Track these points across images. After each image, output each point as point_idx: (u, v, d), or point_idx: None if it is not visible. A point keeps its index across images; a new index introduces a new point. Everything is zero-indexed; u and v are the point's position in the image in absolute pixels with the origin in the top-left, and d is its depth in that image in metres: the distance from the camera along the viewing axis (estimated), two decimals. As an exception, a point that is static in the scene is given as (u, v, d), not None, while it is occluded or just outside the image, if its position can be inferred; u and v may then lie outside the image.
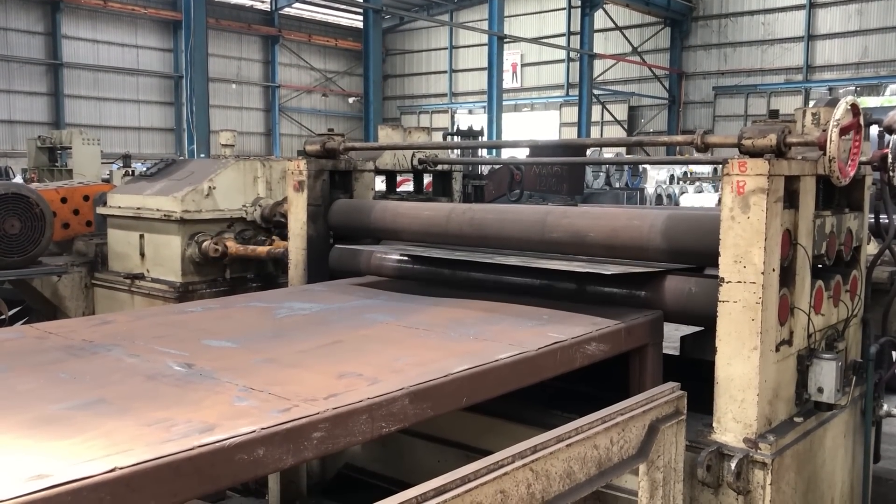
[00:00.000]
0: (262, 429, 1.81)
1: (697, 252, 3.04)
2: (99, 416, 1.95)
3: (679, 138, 3.25)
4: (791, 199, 2.83)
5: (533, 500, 2.08)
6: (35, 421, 1.94)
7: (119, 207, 5.53)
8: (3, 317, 6.08)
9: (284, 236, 5.14)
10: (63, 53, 30.16)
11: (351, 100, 39.73)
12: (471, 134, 9.27)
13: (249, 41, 36.44)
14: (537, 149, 7.28)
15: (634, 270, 3.04)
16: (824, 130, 2.72)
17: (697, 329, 3.60)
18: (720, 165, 2.81)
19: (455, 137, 11.88)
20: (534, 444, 2.12)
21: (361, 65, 29.87)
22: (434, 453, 3.62)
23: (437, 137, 10.78)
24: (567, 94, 35.19)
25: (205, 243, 5.11)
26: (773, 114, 2.87)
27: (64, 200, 6.01)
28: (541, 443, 2.14)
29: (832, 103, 2.98)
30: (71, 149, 14.88)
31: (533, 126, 35.91)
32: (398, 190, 5.24)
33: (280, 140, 37.49)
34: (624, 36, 33.89)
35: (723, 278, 2.75)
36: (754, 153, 2.73)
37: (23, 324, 5.94)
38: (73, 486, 1.54)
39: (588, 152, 12.30)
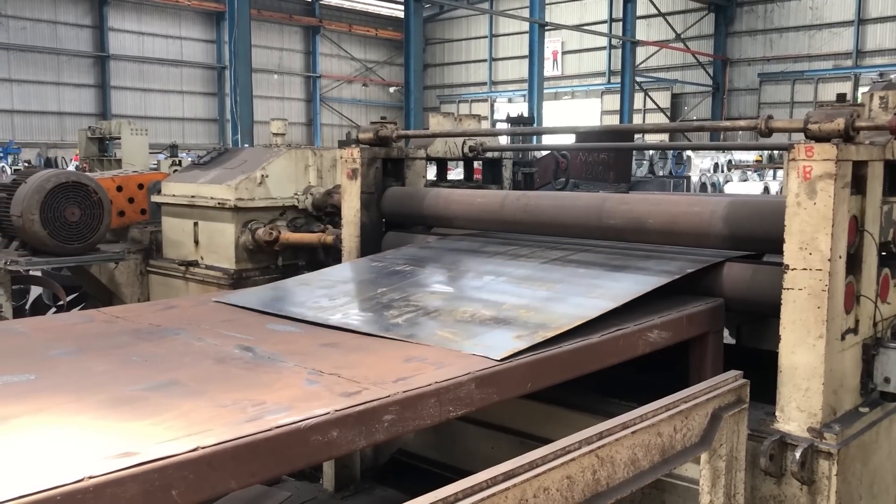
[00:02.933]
0: (336, 411, 1.84)
1: (760, 239, 2.99)
2: (174, 398, 1.99)
3: (742, 123, 3.20)
4: (858, 184, 2.77)
5: (598, 486, 2.08)
6: (113, 401, 2.00)
7: (174, 196, 5.63)
8: (61, 302, 6.24)
9: (335, 224, 5.19)
10: (110, 46, 30.71)
11: (391, 89, 39.83)
12: (521, 121, 9.22)
13: (291, 32, 36.71)
14: (583, 136, 7.22)
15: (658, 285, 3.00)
16: (895, 114, 2.66)
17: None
18: (770, 153, 2.77)
19: (504, 125, 11.83)
20: (599, 430, 2.12)
21: (402, 54, 29.91)
22: (488, 440, 3.64)
23: (486, 126, 10.73)
24: (609, 82, 34.84)
25: (258, 231, 5.18)
26: (841, 98, 2.81)
27: (119, 189, 6.14)
28: (606, 429, 2.13)
29: (892, 87, 2.91)
30: (120, 139, 15.17)
31: (573, 114, 35.63)
32: (448, 178, 5.24)
33: (321, 130, 37.75)
34: (667, 22, 33.41)
35: (788, 265, 2.70)
36: (821, 138, 2.68)
37: (80, 309, 6.09)
38: (158, 464, 1.58)
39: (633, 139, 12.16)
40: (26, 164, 20.24)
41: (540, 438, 2.95)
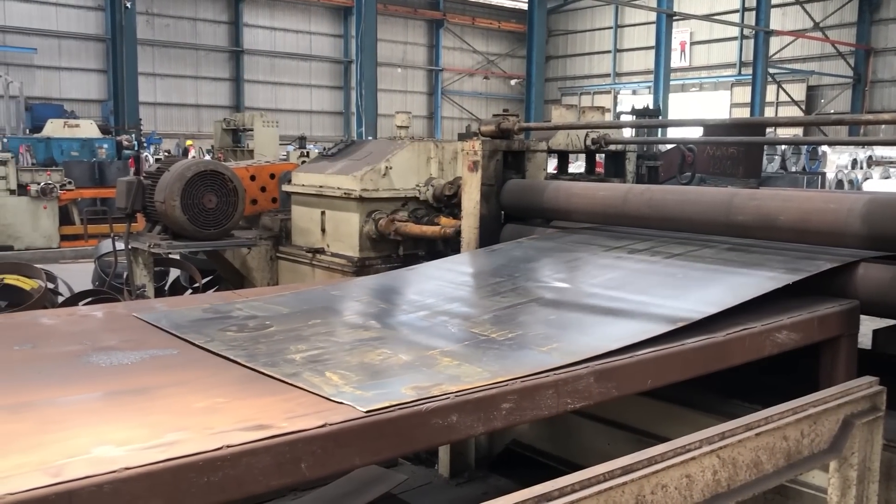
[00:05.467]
0: (456, 396, 1.89)
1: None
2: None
3: (886, 116, 3.02)
4: None
5: (718, 487, 2.04)
6: (246, 378, 2.12)
7: (303, 185, 5.85)
8: (197, 284, 6.62)
9: (454, 215, 5.26)
10: (244, 41, 32.11)
11: (513, 82, 39.74)
12: (646, 113, 9.03)
13: (415, 25, 37.24)
14: (711, 129, 6.99)
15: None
16: None
17: (892, 322, 3.37)
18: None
19: (628, 118, 11.59)
20: (721, 430, 2.08)
21: (524, 46, 29.75)
22: (604, 435, 3.61)
23: (609, 118, 10.52)
24: (739, 74, 33.42)
25: (381, 221, 5.32)
26: None
27: (253, 178, 6.44)
28: (729, 430, 2.09)
29: None
30: (252, 130, 15.85)
31: (701, 107, 34.43)
32: (569, 171, 5.21)
33: (441, 123, 38.15)
34: (804, 10, 31.70)
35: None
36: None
37: (214, 291, 6.43)
38: (289, 438, 1.67)
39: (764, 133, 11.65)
40: (166, 154, 21.51)
41: (658, 437, 2.90)
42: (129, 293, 5.90)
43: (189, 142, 22.26)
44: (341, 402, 1.83)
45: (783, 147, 18.07)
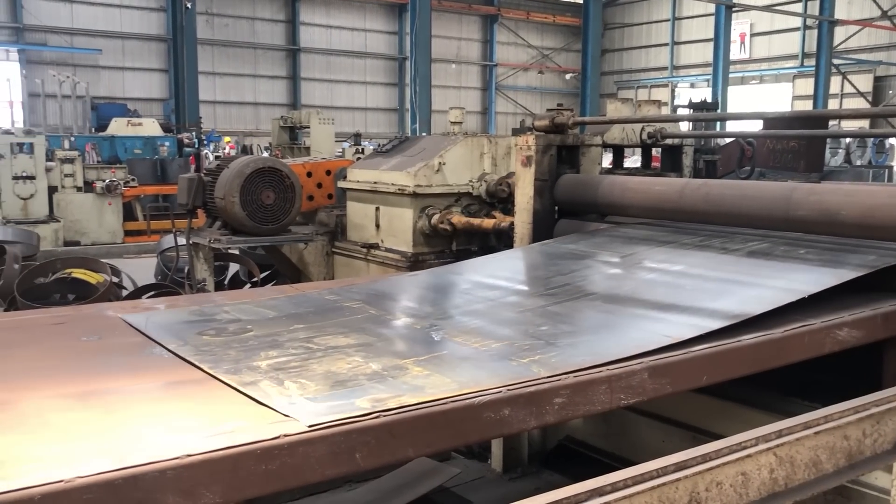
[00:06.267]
0: (508, 389, 1.90)
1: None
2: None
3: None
4: None
5: (776, 485, 2.01)
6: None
7: (357, 182, 5.92)
8: (255, 279, 6.76)
9: (507, 211, 5.26)
10: (300, 39, 32.53)
11: (567, 76, 39.41)
12: (704, 107, 8.87)
13: (469, 21, 37.20)
14: (771, 122, 6.82)
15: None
16: None
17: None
18: None
19: (685, 111, 11.38)
20: (779, 428, 2.05)
21: (579, 40, 29.46)
22: (658, 432, 3.58)
23: (666, 112, 10.32)
24: (802, 65, 32.50)
25: (434, 216, 5.35)
26: None
27: (309, 175, 6.54)
28: (786, 428, 2.06)
29: None
30: (309, 128, 16.09)
31: (762, 99, 33.61)
32: (625, 165, 5.16)
33: (495, 118, 38.06)
34: (872, -1, 30.67)
35: None
36: None
37: (273, 285, 6.55)
38: (344, 428, 1.70)
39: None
40: (226, 151, 21.96)
41: (714, 434, 2.86)
42: (189, 287, 6.05)
43: (226, 138, 22.54)
44: (287, 416, 1.75)
45: (847, 140, 17.53)
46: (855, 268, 2.83)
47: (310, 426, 1.67)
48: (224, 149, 21.74)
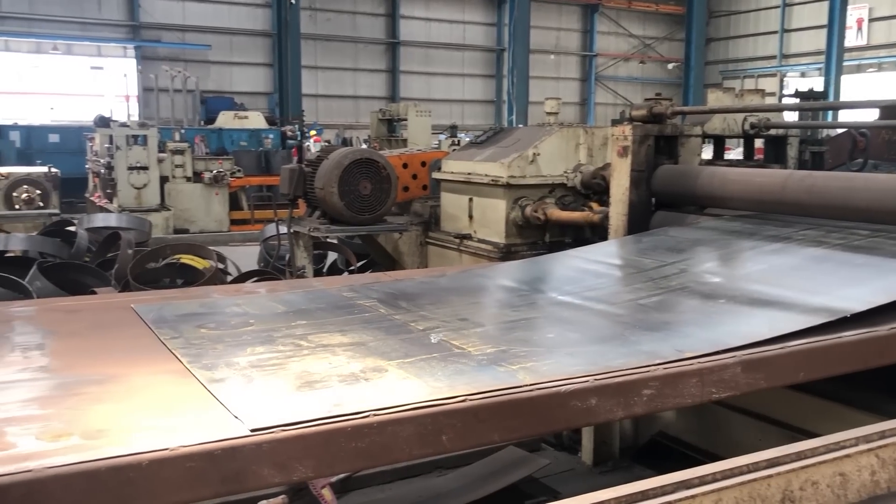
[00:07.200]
0: (595, 379, 1.90)
1: None
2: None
3: None
4: None
5: (877, 488, 1.94)
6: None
7: (452, 173, 5.97)
8: (352, 267, 6.92)
9: (603, 202, 5.19)
10: (400, 33, 32.93)
11: (670, 66, 38.39)
12: (810, 96, 8.49)
13: (569, 11, 36.75)
14: (889, 111, 6.46)
15: None
16: None
17: None
18: None
19: (792, 101, 10.88)
20: (881, 429, 1.97)
21: (683, 29, 28.72)
22: (754, 430, 3.48)
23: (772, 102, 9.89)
24: (925, 51, 30.64)
25: (527, 208, 5.34)
26: None
27: (405, 166, 6.64)
28: (889, 429, 1.98)
29: None
30: (406, 120, 16.30)
31: (880, 88, 31.82)
32: (725, 157, 5.01)
33: (594, 109, 37.51)
34: None
35: None
36: None
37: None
38: (432, 410, 1.74)
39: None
40: (326, 143, 22.51)
41: (814, 435, 2.76)
42: (290, 274, 6.25)
43: (313, 132, 22.94)
44: (236, 417, 1.71)
45: (975, 131, 16.39)
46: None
47: (252, 430, 1.62)
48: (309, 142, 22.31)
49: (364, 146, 16.96)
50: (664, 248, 3.65)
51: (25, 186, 13.34)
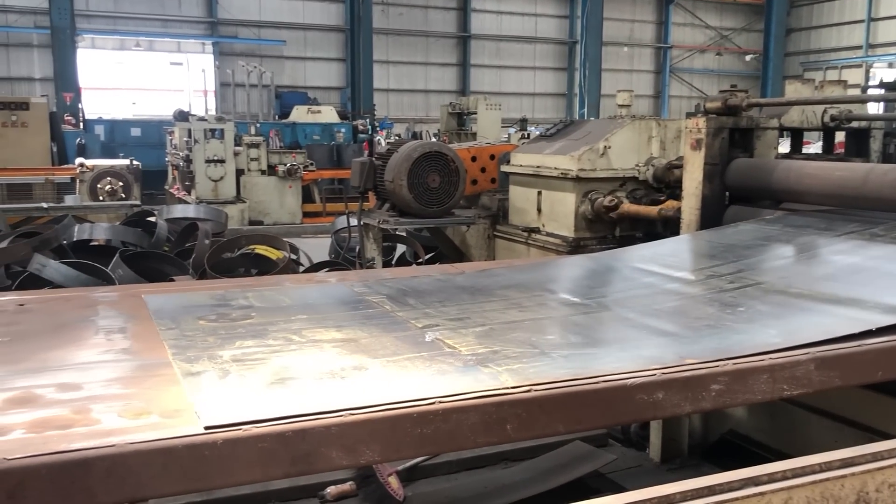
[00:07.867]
0: (663, 373, 1.88)
1: None
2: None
3: None
4: None
5: (960, 494, 1.86)
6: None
7: (520, 166, 5.95)
8: (420, 259, 6.97)
9: (675, 196, 5.10)
10: (471, 26, 32.91)
11: (748, 57, 37.35)
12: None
13: (643, 3, 36.11)
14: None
15: None
16: None
17: None
18: None
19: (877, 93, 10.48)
20: (965, 431, 1.89)
21: (761, 20, 27.83)
22: (830, 431, 3.39)
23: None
24: None
25: (598, 201, 5.28)
26: None
27: (474, 159, 6.64)
28: (974, 432, 1.90)
29: None
30: (476, 113, 16.32)
31: (973, 79, 30.29)
32: (804, 150, 4.86)
33: (669, 102, 36.78)
34: None
35: None
36: None
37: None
38: (496, 399, 1.76)
39: None
40: (397, 137, 22.71)
41: (892, 437, 2.67)
42: (359, 265, 6.35)
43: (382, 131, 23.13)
44: (196, 413, 1.68)
45: None
46: None
47: (205, 427, 1.60)
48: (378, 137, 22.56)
49: (434, 140, 17.04)
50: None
51: (109, 178, 13.85)
